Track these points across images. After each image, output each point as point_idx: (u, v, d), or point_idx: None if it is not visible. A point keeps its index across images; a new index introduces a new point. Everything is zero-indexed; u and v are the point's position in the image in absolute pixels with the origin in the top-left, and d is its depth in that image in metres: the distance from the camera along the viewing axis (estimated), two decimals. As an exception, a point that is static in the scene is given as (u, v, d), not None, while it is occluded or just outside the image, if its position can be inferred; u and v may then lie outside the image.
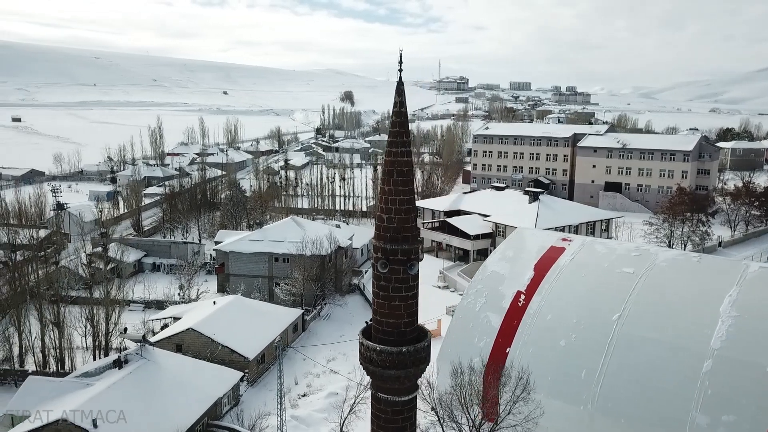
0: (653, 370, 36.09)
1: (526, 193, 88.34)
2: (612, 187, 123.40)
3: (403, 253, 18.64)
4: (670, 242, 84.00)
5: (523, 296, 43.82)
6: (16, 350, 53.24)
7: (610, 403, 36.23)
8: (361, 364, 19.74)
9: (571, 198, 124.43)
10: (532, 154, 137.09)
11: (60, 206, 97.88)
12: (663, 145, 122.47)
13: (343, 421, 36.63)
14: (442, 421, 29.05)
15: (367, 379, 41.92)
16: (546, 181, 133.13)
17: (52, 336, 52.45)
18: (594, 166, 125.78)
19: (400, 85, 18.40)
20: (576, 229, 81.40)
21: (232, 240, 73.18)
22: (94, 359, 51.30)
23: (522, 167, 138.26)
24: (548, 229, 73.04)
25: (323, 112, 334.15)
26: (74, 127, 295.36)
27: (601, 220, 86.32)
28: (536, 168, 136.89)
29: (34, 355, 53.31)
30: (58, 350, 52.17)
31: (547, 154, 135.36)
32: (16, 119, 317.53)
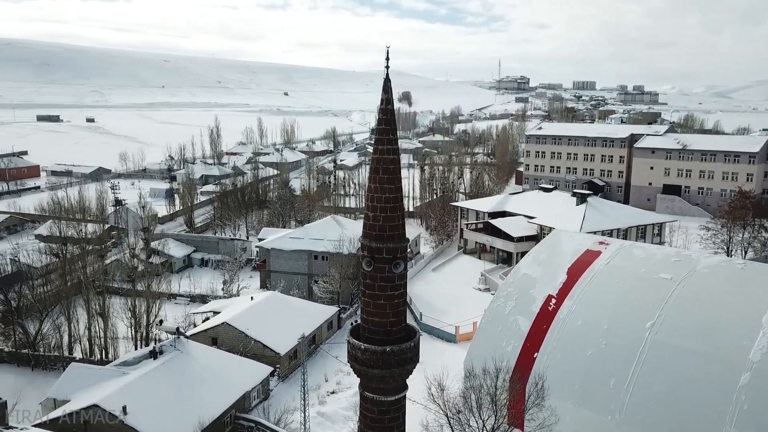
0: (686, 382, 34.40)
1: (574, 194, 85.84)
2: (671, 189, 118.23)
3: (388, 252, 18.47)
4: (728, 249, 79.66)
5: (554, 300, 42.64)
6: (66, 339, 56.24)
7: (639, 414, 34.74)
8: (348, 362, 19.68)
9: (626, 201, 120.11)
10: (587, 155, 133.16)
11: (118, 202, 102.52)
12: (726, 146, 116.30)
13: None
14: (451, 423, 28.63)
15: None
16: (601, 183, 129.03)
17: (97, 326, 55.07)
18: (652, 168, 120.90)
19: (386, 82, 18.26)
20: (625, 233, 78.43)
21: (274, 237, 74.67)
22: (135, 349, 53.45)
23: (576, 168, 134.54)
24: (595, 232, 70.72)
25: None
26: (142, 127, 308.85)
27: (653, 224, 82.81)
28: (590, 169, 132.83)
29: (80, 344, 56.12)
30: (102, 340, 54.71)
31: (602, 155, 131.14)
32: (90, 120, 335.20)
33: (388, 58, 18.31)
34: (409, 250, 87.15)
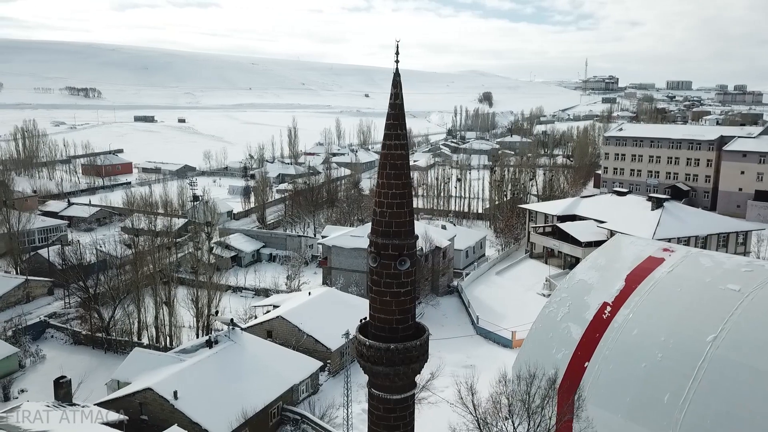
0: (747, 402, 31.89)
1: (650, 199, 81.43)
2: (763, 196, 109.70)
3: (394, 248, 18.27)
4: (824, 261, 72.94)
5: (609, 308, 40.75)
6: (135, 325, 59.72)
7: (694, 433, 32.48)
8: (356, 358, 19.64)
9: (713, 207, 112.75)
10: (671, 158, 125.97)
11: (196, 198, 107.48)
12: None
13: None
14: (480, 426, 27.97)
15: (426, 377, 41.26)
16: (685, 188, 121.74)
17: (163, 315, 58.10)
18: (742, 173, 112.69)
19: (396, 76, 18.11)
20: (705, 241, 73.62)
21: (336, 235, 75.77)
22: (197, 338, 55.85)
23: (658, 172, 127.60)
24: (670, 239, 66.93)
25: (456, 114, 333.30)
26: (227, 128, 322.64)
27: (737, 233, 77.13)
28: (674, 173, 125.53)
29: (148, 331, 59.38)
30: (168, 328, 57.66)
31: (688, 159, 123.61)
32: (182, 120, 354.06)
33: (398, 53, 18.15)
34: (474, 252, 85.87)
